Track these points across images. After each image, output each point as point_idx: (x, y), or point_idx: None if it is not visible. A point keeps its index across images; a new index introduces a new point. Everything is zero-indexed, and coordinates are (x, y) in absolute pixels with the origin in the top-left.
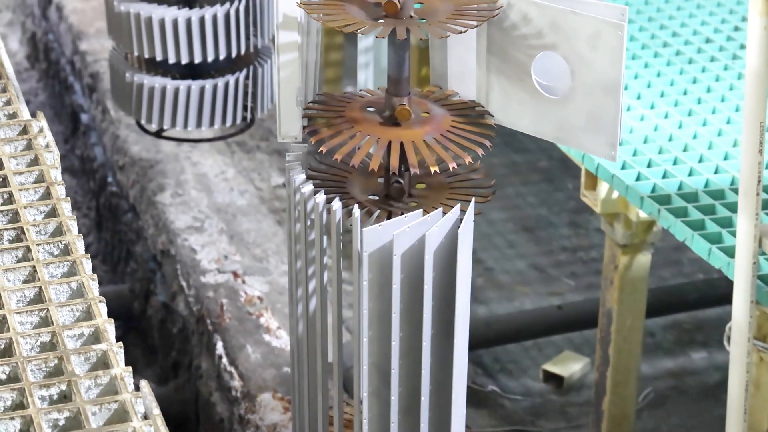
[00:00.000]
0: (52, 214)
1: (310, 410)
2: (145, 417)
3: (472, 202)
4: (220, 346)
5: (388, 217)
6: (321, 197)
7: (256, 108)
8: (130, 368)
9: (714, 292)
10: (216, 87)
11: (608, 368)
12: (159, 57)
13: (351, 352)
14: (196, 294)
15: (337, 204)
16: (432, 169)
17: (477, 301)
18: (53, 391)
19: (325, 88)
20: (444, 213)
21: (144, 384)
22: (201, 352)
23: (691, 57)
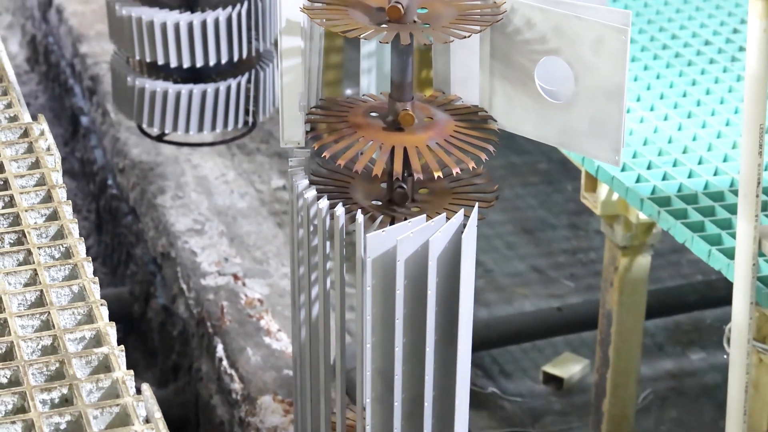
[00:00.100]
0: (54, 217)
1: (313, 416)
2: (147, 420)
3: (476, 207)
4: (220, 349)
5: (391, 223)
6: (324, 203)
7: (258, 112)
8: (131, 372)
9: (713, 293)
10: (218, 91)
11: (608, 370)
12: (161, 61)
13: (354, 357)
14: (197, 296)
15: (340, 209)
16: (435, 175)
17: (477, 302)
18: (54, 394)
19: (324, 91)
20: (447, 218)
21: (146, 387)
22: (201, 354)
23: (690, 59)
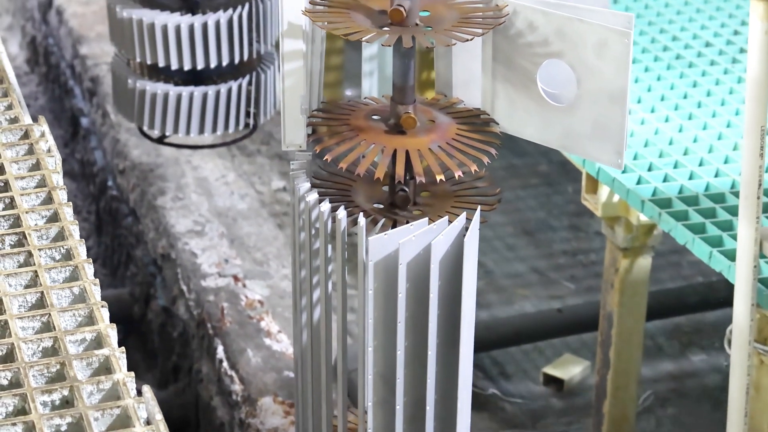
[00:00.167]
0: (54, 218)
1: (314, 419)
2: (148, 422)
3: (478, 210)
4: (220, 350)
5: (393, 226)
6: (326, 206)
7: (259, 114)
8: (132, 373)
9: (714, 295)
10: (218, 93)
11: (609, 371)
12: (161, 63)
13: (355, 360)
14: (197, 298)
15: (341, 212)
16: (437, 178)
17: (477, 304)
18: (55, 396)
19: (324, 93)
20: (449, 221)
21: (146, 389)
22: (201, 356)
23: (691, 61)
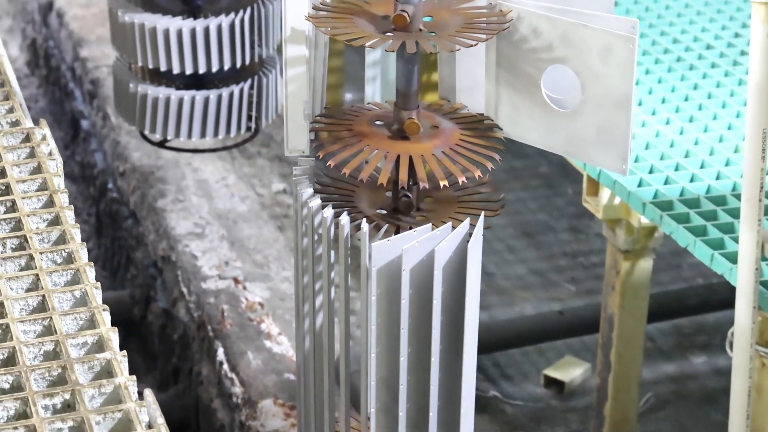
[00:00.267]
0: (56, 222)
1: (317, 426)
2: (150, 426)
3: (481, 216)
4: (221, 353)
5: (396, 232)
6: (329, 211)
7: (261, 118)
8: (134, 377)
9: (714, 297)
10: (220, 97)
11: (610, 373)
12: (163, 67)
13: (358, 365)
14: (197, 300)
15: (345, 218)
16: (441, 183)
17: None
18: (57, 400)
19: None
20: (453, 227)
21: (148, 393)
22: (202, 358)
23: (691, 63)
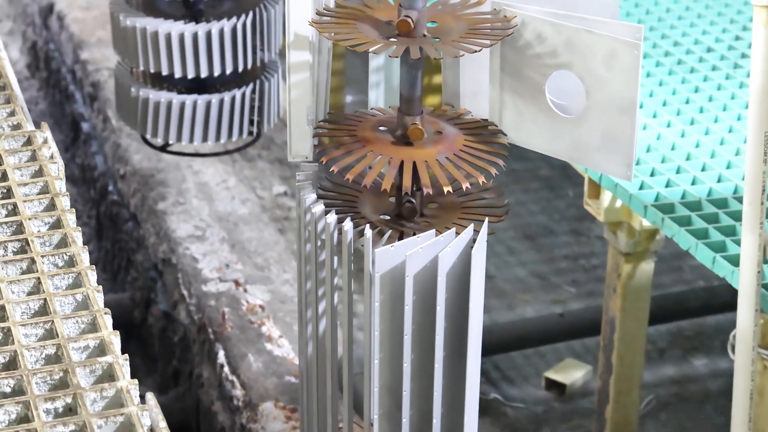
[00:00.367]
0: (57, 225)
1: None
2: (152, 430)
3: (485, 222)
4: (221, 355)
5: (400, 238)
6: (332, 217)
7: (263, 122)
8: (136, 381)
9: (716, 299)
10: (222, 101)
11: (611, 376)
12: (165, 71)
13: (362, 370)
14: (198, 303)
15: (348, 224)
16: (445, 189)
17: None
18: (58, 404)
19: None
20: (457, 233)
21: (150, 396)
22: (202, 360)
23: (692, 66)
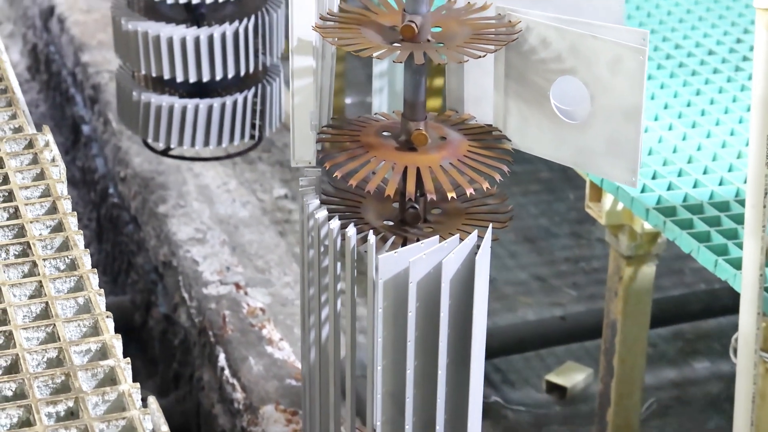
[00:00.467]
0: (59, 228)
1: None
2: None
3: (489, 228)
4: (222, 358)
5: (403, 244)
6: (335, 223)
7: (264, 126)
8: (137, 384)
9: (717, 302)
10: (224, 105)
11: (612, 379)
12: (167, 76)
13: (364, 372)
14: (198, 305)
15: (351, 230)
16: (449, 195)
17: None
18: (60, 407)
19: None
20: (460, 239)
21: (152, 400)
22: (203, 363)
23: (694, 69)
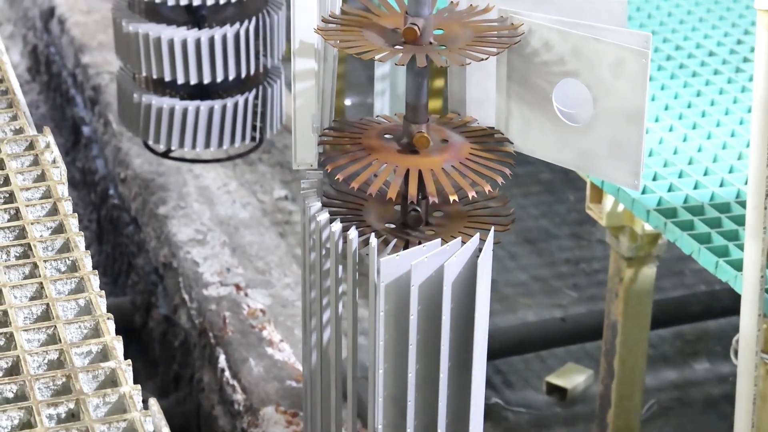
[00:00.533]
0: (59, 230)
1: None
2: None
3: (491, 231)
4: (222, 359)
5: (405, 247)
6: (337, 226)
7: (265, 128)
8: (138, 386)
9: (717, 303)
10: (224, 107)
11: (613, 381)
12: (167, 78)
13: (365, 373)
14: (199, 307)
15: (353, 233)
16: (451, 198)
17: None
18: (61, 409)
19: None
20: (462, 242)
21: (153, 402)
22: (203, 365)
23: (694, 70)
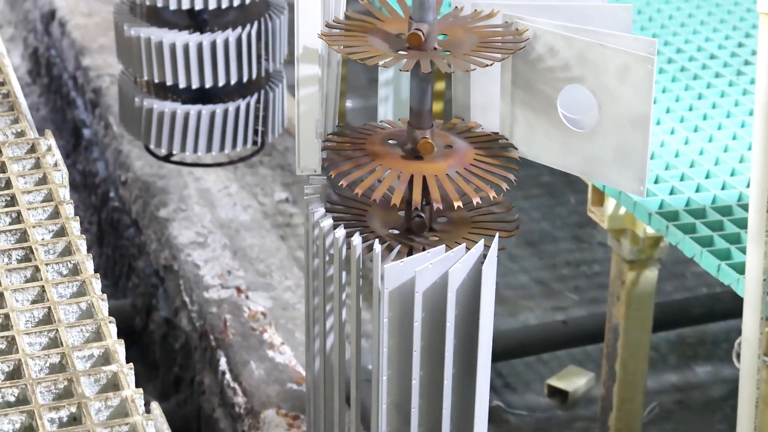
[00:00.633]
0: (61, 233)
1: None
2: None
3: (496, 237)
4: (223, 362)
5: (409, 253)
6: (340, 232)
7: (267, 132)
8: (140, 390)
9: (719, 306)
10: (226, 111)
11: (615, 384)
12: (169, 82)
13: (369, 385)
14: (199, 309)
15: (357, 239)
16: (455, 204)
17: None
18: (63, 413)
19: None
20: (467, 249)
21: (155, 406)
22: (204, 367)
23: (695, 73)
